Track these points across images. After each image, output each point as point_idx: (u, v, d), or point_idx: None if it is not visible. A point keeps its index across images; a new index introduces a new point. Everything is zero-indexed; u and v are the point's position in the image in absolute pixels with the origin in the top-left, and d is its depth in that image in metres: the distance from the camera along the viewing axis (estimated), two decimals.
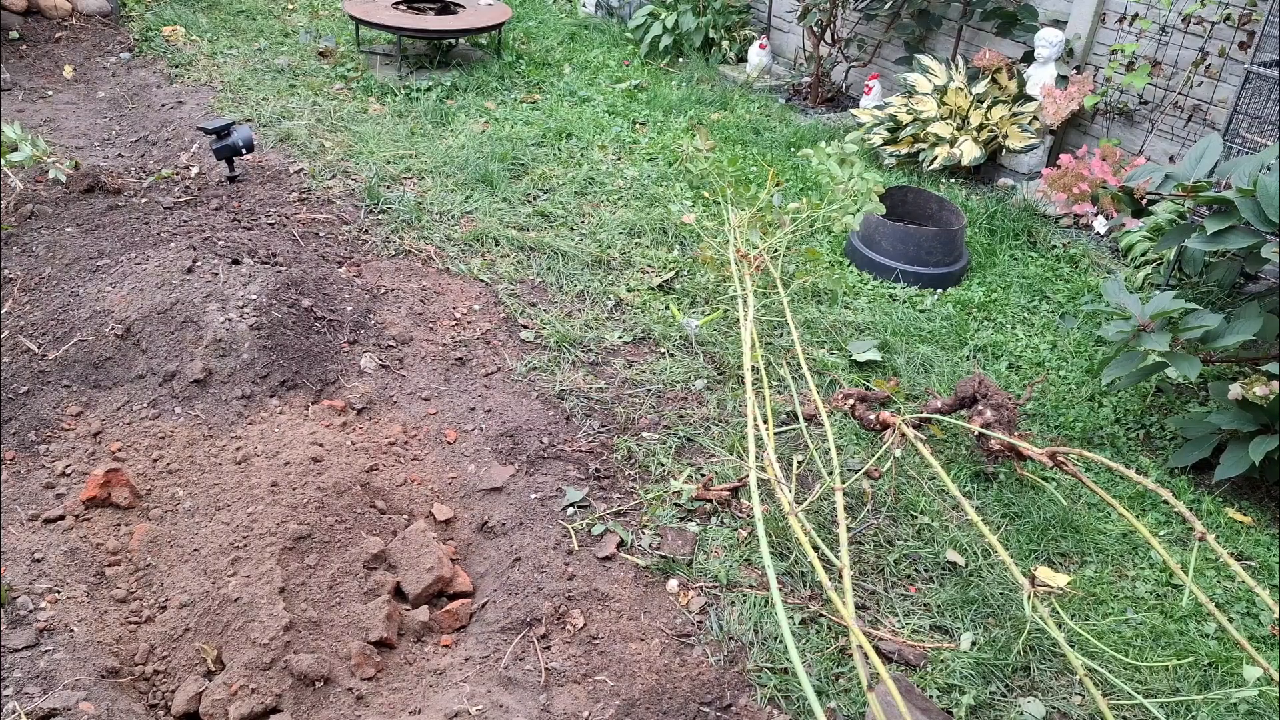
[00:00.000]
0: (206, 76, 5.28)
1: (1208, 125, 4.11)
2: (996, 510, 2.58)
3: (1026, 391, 3.00)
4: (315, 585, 2.21)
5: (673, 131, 5.03)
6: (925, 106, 4.62)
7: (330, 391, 2.92)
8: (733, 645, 2.14)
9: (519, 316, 3.34)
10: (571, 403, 2.91)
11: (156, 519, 2.41)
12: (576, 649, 2.12)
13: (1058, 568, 2.42)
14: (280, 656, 2.00)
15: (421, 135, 4.75)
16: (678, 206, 4.18)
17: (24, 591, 2.09)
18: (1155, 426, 2.96)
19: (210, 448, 2.64)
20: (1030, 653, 2.15)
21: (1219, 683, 2.11)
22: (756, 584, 2.29)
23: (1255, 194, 2.51)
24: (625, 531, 2.43)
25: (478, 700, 1.95)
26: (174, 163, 4.18)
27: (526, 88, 5.55)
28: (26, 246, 3.31)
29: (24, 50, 5.44)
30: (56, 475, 2.52)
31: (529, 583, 2.27)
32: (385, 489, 2.57)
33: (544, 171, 4.42)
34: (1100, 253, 4.05)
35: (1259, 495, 2.73)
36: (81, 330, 2.89)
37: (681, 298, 3.53)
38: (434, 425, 2.84)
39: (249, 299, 3.00)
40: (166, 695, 2.01)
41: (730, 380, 3.08)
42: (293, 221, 3.70)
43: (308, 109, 4.92)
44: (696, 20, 6.09)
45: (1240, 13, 3.91)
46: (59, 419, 2.70)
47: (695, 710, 1.99)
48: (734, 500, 2.55)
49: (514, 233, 3.86)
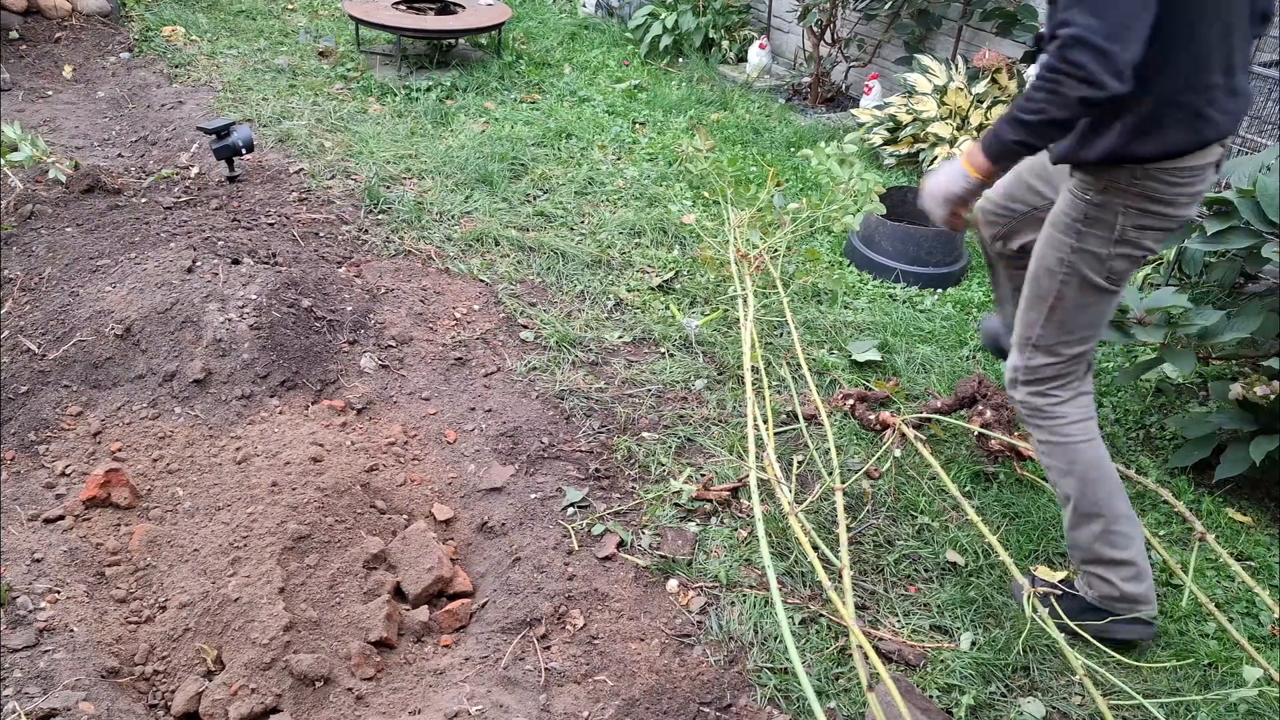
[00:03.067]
0: (206, 76, 5.28)
1: None
2: (996, 510, 2.58)
3: None
4: (315, 585, 2.21)
5: (673, 131, 5.03)
6: (925, 106, 4.62)
7: (330, 391, 2.92)
8: (733, 645, 2.14)
9: (519, 316, 3.34)
10: (571, 403, 2.91)
11: (156, 519, 2.41)
12: (576, 649, 2.12)
13: (1057, 568, 2.42)
14: (280, 656, 2.00)
15: (421, 135, 4.75)
16: (678, 206, 4.18)
17: (24, 591, 2.09)
18: (1155, 426, 2.96)
19: (210, 448, 2.64)
20: (1030, 653, 2.15)
21: (1219, 683, 2.11)
22: (756, 584, 2.29)
23: (1255, 194, 2.51)
24: (625, 531, 2.43)
25: (478, 700, 1.95)
26: (174, 163, 4.18)
27: (526, 88, 5.55)
28: (26, 246, 3.31)
29: (24, 50, 5.44)
30: (56, 475, 2.52)
31: (529, 583, 2.27)
32: (385, 489, 2.57)
33: (544, 171, 4.42)
34: None
35: (1259, 495, 2.73)
36: (81, 330, 2.90)
37: (681, 298, 3.53)
38: (434, 425, 2.84)
39: (249, 299, 3.00)
40: (166, 695, 2.01)
41: (730, 380, 3.08)
42: (293, 221, 3.70)
43: (308, 109, 4.92)
44: (696, 20, 6.09)
45: None
46: (59, 419, 2.70)
47: (695, 710, 1.99)
48: (734, 500, 2.55)
49: (514, 233, 3.86)
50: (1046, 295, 2.01)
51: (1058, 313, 2.01)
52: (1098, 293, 1.97)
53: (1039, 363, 2.08)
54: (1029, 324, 2.07)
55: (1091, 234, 1.91)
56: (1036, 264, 2.02)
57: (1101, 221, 1.90)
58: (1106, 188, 1.87)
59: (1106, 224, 1.90)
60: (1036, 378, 2.09)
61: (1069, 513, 2.14)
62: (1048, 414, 2.10)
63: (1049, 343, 2.05)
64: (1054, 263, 1.97)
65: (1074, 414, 2.09)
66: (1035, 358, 2.08)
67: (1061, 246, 1.96)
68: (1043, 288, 2.01)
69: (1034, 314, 2.05)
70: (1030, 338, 2.07)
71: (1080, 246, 1.93)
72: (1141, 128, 1.80)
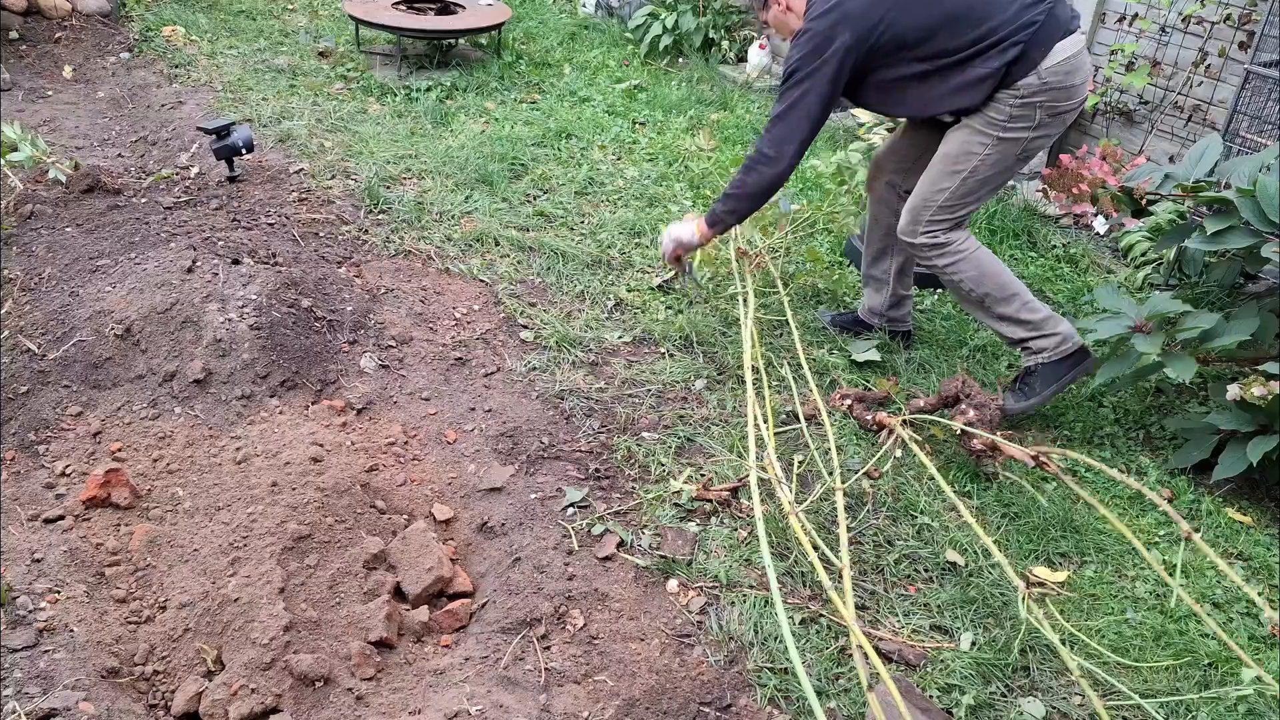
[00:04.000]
0: (206, 77, 5.28)
1: (1208, 125, 4.11)
2: (996, 510, 2.58)
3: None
4: (315, 585, 2.21)
5: (673, 131, 5.03)
6: None
7: (330, 391, 2.92)
8: (733, 645, 2.14)
9: (519, 316, 3.34)
10: (571, 403, 2.91)
11: (156, 519, 2.41)
12: (576, 649, 2.12)
13: (1057, 567, 2.42)
14: (280, 656, 2.00)
15: (421, 135, 4.75)
16: (678, 207, 4.18)
17: (24, 591, 2.09)
18: (1155, 427, 2.96)
19: (210, 448, 2.64)
20: (1030, 652, 2.15)
21: (1219, 682, 2.11)
22: (757, 584, 2.29)
23: (1255, 194, 2.51)
24: (625, 531, 2.43)
25: (478, 700, 1.95)
26: (174, 163, 4.18)
27: (526, 88, 5.55)
28: (26, 246, 3.31)
29: (24, 50, 5.44)
30: (56, 475, 2.52)
31: (529, 583, 2.27)
32: (385, 489, 2.57)
33: (544, 171, 4.42)
34: (1100, 253, 4.05)
35: (1259, 495, 2.73)
36: (81, 330, 2.90)
37: (681, 297, 3.53)
38: (434, 425, 2.84)
39: (249, 299, 3.00)
40: (166, 695, 2.01)
41: (730, 380, 3.08)
42: (293, 221, 3.70)
43: (308, 109, 4.92)
44: (696, 20, 6.09)
45: (1240, 13, 3.91)
46: (59, 419, 2.70)
47: (695, 710, 1.99)
48: (734, 500, 2.55)
49: (514, 233, 3.86)
50: (959, 168, 2.69)
51: (969, 182, 2.70)
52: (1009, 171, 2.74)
53: (941, 218, 2.76)
54: (936, 189, 2.74)
55: (1015, 129, 2.63)
56: (956, 148, 2.69)
57: (1020, 119, 2.62)
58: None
59: (1026, 119, 2.62)
60: (939, 226, 2.77)
61: (991, 310, 2.81)
62: (949, 243, 2.78)
63: (955, 203, 2.74)
64: (976, 147, 2.66)
65: (965, 236, 2.81)
66: (939, 215, 2.76)
67: (983, 137, 2.65)
68: (956, 164, 2.69)
69: (944, 182, 2.72)
70: (935, 200, 2.74)
71: (1004, 137, 2.64)
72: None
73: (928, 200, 2.75)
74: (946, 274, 2.82)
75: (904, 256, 3.17)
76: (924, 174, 2.78)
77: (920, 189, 2.78)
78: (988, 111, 2.62)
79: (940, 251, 2.78)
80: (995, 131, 2.62)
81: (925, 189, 2.76)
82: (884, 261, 3.21)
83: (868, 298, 3.31)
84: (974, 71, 2.56)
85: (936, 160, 2.75)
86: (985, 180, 2.71)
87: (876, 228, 3.18)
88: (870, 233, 3.22)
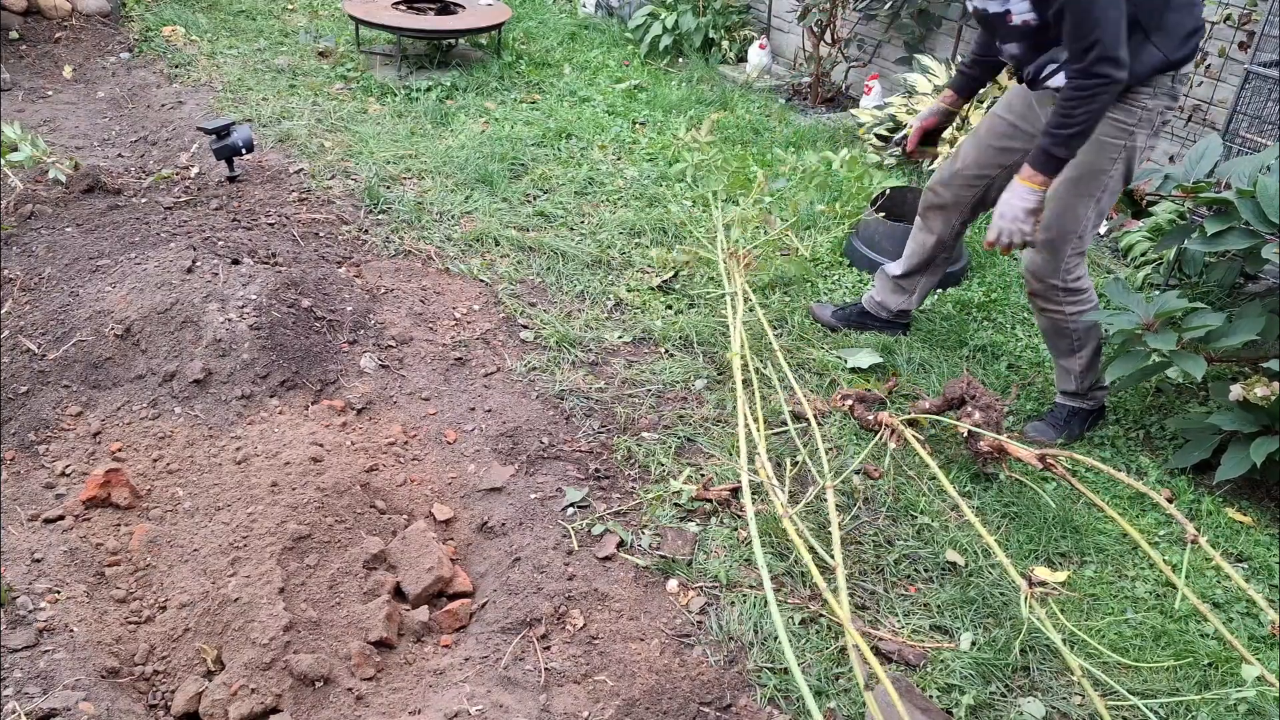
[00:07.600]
0: (206, 77, 5.28)
1: (1208, 125, 4.11)
2: (997, 510, 2.58)
3: (1013, 390, 3.00)
4: (315, 585, 2.21)
5: (672, 131, 5.02)
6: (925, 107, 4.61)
7: (330, 391, 2.92)
8: (732, 645, 2.14)
9: (519, 316, 3.34)
10: (571, 403, 2.91)
11: (156, 519, 2.41)
12: (576, 649, 2.12)
13: (1057, 567, 2.42)
14: (280, 656, 2.00)
15: (421, 135, 4.75)
16: (677, 206, 4.18)
17: (24, 591, 2.09)
18: (1155, 427, 2.96)
19: (210, 448, 2.64)
20: (1030, 652, 2.15)
21: (1219, 682, 2.11)
22: (756, 584, 2.29)
23: (1255, 194, 2.51)
24: (625, 531, 2.43)
25: (478, 700, 1.95)
26: (174, 163, 4.18)
27: (526, 88, 5.55)
28: (26, 246, 3.31)
29: (24, 50, 5.44)
30: (56, 475, 2.52)
31: (529, 583, 2.27)
32: (385, 489, 2.57)
33: (544, 171, 4.42)
34: (1100, 253, 4.05)
35: (1259, 496, 2.73)
36: (81, 330, 2.90)
37: (680, 298, 3.53)
38: (434, 425, 2.84)
39: (249, 299, 3.00)
40: (166, 695, 2.01)
41: (730, 380, 3.08)
42: (293, 221, 3.70)
43: (308, 109, 4.92)
44: (696, 20, 6.09)
45: (1240, 13, 3.91)
46: (59, 419, 2.70)
47: (695, 710, 1.99)
48: (733, 500, 2.55)
49: (514, 233, 3.86)
50: (1094, 191, 2.53)
51: (1103, 202, 2.56)
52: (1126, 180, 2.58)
53: (1079, 250, 2.61)
54: (1076, 219, 2.57)
55: (1140, 132, 2.48)
56: (1083, 170, 2.51)
57: (1147, 121, 2.47)
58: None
59: (1149, 122, 2.47)
60: (1075, 264, 2.63)
61: (1084, 355, 2.77)
62: (1082, 288, 2.67)
63: (1089, 230, 2.59)
64: (1106, 162, 2.50)
65: (1090, 279, 2.70)
66: (1079, 246, 2.60)
67: (1112, 148, 2.49)
68: (1089, 187, 2.53)
69: (1081, 209, 2.56)
70: (1075, 231, 2.58)
71: (1130, 144, 2.49)
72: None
73: (1065, 233, 2.58)
74: (1067, 318, 2.70)
75: (941, 274, 3.21)
76: (1049, 208, 2.54)
77: (1051, 224, 2.58)
78: (1115, 114, 2.44)
79: (1075, 298, 2.67)
80: (1122, 139, 2.47)
81: (1058, 223, 2.57)
82: (917, 277, 3.21)
83: (880, 295, 3.30)
84: (1192, 20, 2.39)
85: (1062, 189, 2.54)
86: (1115, 195, 2.57)
87: (919, 251, 3.13)
88: (910, 255, 3.17)
